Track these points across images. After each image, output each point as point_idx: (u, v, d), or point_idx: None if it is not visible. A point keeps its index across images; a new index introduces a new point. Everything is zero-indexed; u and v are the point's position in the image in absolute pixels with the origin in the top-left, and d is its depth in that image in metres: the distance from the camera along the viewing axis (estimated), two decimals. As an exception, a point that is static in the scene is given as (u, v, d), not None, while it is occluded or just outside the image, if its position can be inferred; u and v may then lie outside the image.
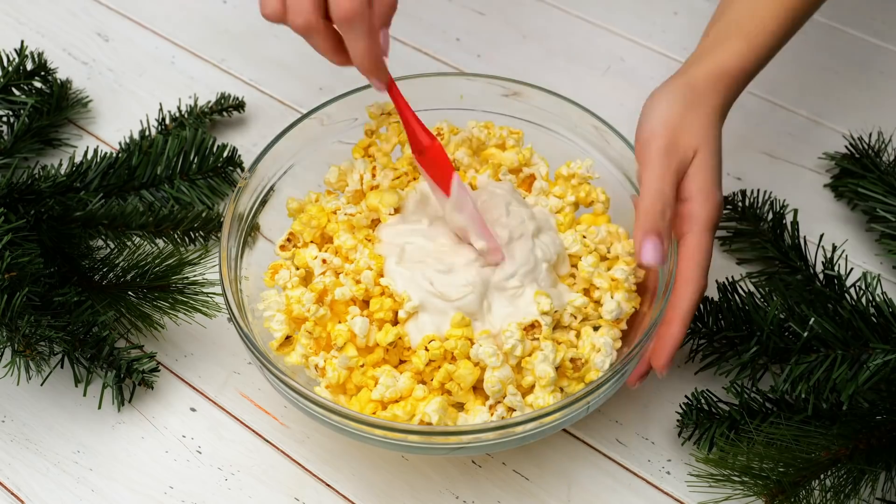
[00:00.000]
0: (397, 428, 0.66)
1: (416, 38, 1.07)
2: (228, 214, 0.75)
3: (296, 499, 0.75)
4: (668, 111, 0.73)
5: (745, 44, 0.76)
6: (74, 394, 0.79)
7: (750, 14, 0.77)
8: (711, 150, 0.73)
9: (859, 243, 0.89)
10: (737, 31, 0.77)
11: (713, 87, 0.75)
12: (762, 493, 0.67)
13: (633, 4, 1.11)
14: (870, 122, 0.96)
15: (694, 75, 0.75)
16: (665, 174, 0.71)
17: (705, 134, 0.73)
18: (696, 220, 0.71)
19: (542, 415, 0.66)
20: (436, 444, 0.68)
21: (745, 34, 0.76)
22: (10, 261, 0.73)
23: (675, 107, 0.73)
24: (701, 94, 0.74)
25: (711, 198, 0.72)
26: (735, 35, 0.77)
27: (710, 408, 0.75)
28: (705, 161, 0.72)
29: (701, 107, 0.74)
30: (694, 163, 0.72)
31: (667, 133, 0.72)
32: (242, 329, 0.70)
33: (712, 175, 0.72)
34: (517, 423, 0.66)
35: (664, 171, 0.71)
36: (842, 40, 1.06)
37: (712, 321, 0.77)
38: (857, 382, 0.71)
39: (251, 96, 1.01)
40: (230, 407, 0.80)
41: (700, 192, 0.71)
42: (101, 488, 0.75)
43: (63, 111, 0.97)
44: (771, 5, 0.77)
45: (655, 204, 0.70)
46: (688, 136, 0.72)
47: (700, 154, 0.72)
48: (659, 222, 0.70)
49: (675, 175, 0.71)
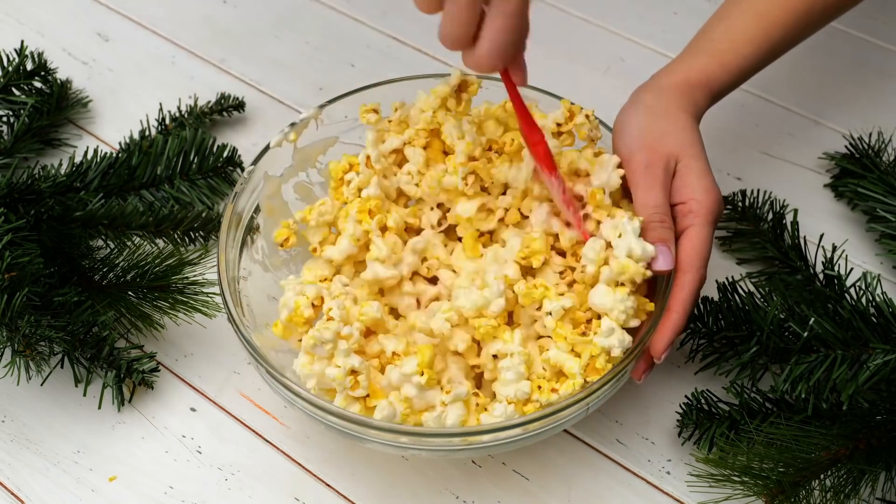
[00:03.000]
0: (395, 429, 0.66)
1: (416, 38, 1.07)
2: (227, 215, 0.75)
3: (296, 499, 0.75)
4: (639, 126, 0.74)
5: (714, 61, 0.77)
6: (74, 394, 0.79)
7: (726, 35, 0.78)
8: (693, 152, 0.74)
9: (859, 243, 0.89)
10: (709, 48, 0.78)
11: (680, 94, 0.76)
12: (762, 493, 0.67)
13: (633, 4, 1.11)
14: (870, 122, 0.96)
15: (659, 85, 0.77)
16: (654, 185, 0.72)
17: (682, 138, 0.74)
18: (697, 215, 0.72)
19: (543, 415, 0.66)
20: (436, 445, 0.68)
21: (717, 52, 0.78)
22: (10, 261, 0.73)
23: (644, 121, 0.74)
24: (667, 100, 0.75)
25: (709, 193, 0.73)
26: (707, 52, 0.78)
27: (710, 408, 0.75)
28: (692, 162, 0.73)
29: (670, 113, 0.75)
30: (679, 168, 0.73)
31: (643, 148, 0.73)
32: (241, 329, 0.70)
33: (702, 174, 0.73)
34: (517, 423, 0.66)
35: (653, 183, 0.72)
36: (841, 40, 1.06)
37: (712, 321, 0.77)
38: (857, 382, 0.71)
39: (251, 96, 1.01)
40: (230, 407, 0.80)
41: (696, 192, 0.72)
42: (101, 488, 0.75)
43: (63, 111, 0.97)
44: (749, 30, 0.78)
45: (654, 217, 0.71)
46: (665, 146, 0.73)
47: (683, 158, 0.73)
48: (662, 232, 0.71)
49: (664, 185, 0.72)
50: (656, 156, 0.73)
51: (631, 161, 0.73)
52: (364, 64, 1.05)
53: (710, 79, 0.77)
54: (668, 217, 0.72)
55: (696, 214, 0.72)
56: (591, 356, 0.70)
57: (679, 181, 0.73)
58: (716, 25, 0.79)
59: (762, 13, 0.78)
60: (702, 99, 0.77)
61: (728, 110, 0.99)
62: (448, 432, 0.68)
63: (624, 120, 0.75)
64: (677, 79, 0.77)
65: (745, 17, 0.78)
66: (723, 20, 0.79)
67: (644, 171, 0.72)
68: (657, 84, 0.77)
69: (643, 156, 0.73)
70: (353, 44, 1.07)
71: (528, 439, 0.68)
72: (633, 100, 0.77)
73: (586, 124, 0.77)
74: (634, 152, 0.73)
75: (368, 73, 1.03)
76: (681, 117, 0.75)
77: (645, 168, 0.72)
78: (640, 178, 0.72)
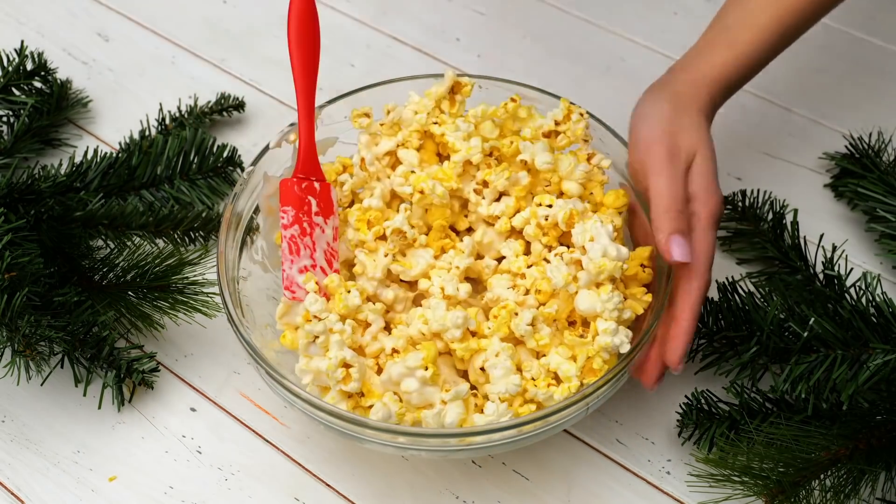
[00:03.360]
0: (394, 430, 0.67)
1: (416, 38, 1.07)
2: (227, 215, 0.75)
3: (296, 499, 0.75)
4: (661, 117, 0.74)
5: (731, 53, 0.77)
6: (74, 394, 0.79)
7: (741, 23, 0.78)
8: (707, 151, 0.74)
9: (859, 243, 0.89)
10: (725, 39, 0.78)
11: (697, 92, 0.76)
12: (762, 493, 0.67)
13: (633, 4, 1.11)
14: (870, 122, 0.96)
15: (678, 81, 0.76)
16: (674, 176, 0.72)
17: (699, 136, 0.74)
18: (700, 218, 0.72)
19: (543, 415, 0.66)
20: (434, 445, 0.68)
21: (733, 43, 0.77)
22: (10, 261, 0.73)
23: (666, 113, 0.74)
24: (687, 98, 0.75)
25: (713, 196, 0.73)
26: (723, 44, 0.78)
27: (710, 408, 0.75)
28: (703, 162, 0.73)
29: (690, 111, 0.75)
30: (693, 164, 0.73)
31: (665, 138, 0.73)
32: (241, 329, 0.70)
33: (711, 175, 0.73)
34: (517, 423, 0.66)
35: (673, 174, 0.72)
36: (842, 40, 1.06)
37: (712, 321, 0.77)
38: (857, 382, 0.71)
39: (251, 96, 1.01)
40: (230, 407, 0.80)
41: (702, 192, 0.72)
42: (101, 488, 0.75)
43: (63, 111, 0.97)
44: (763, 17, 0.77)
45: (673, 206, 0.71)
46: (685, 139, 0.73)
47: (698, 155, 0.73)
48: (681, 222, 0.71)
49: (683, 177, 0.73)
50: (678, 148, 0.73)
51: (652, 148, 0.73)
52: (364, 64, 1.05)
53: (728, 74, 0.77)
54: (686, 209, 0.72)
55: (699, 218, 0.72)
56: (587, 357, 0.70)
57: (688, 179, 0.73)
58: (731, 13, 0.79)
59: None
60: (718, 95, 0.77)
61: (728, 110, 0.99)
62: (447, 433, 0.68)
63: (644, 110, 0.75)
64: (696, 75, 0.76)
65: (760, 3, 0.78)
66: (738, 7, 0.78)
67: (666, 161, 0.72)
68: (676, 79, 0.77)
69: (666, 146, 0.73)
70: (353, 44, 1.07)
71: (527, 439, 0.68)
72: (653, 93, 0.76)
73: (581, 122, 0.77)
74: (656, 141, 0.73)
75: (368, 73, 1.03)
76: (697, 117, 0.75)
77: (669, 157, 0.72)
78: (662, 167, 0.72)
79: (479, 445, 0.68)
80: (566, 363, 0.70)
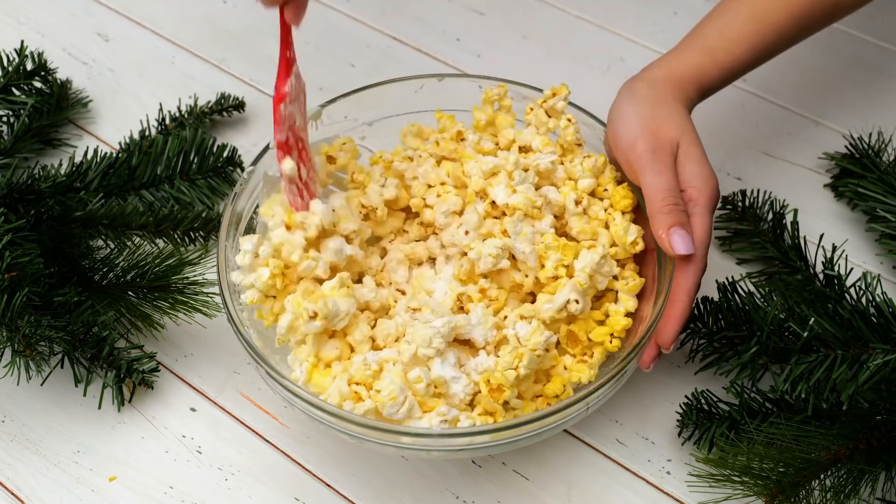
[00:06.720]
0: (394, 430, 0.66)
1: (416, 38, 1.07)
2: (227, 215, 0.75)
3: (296, 499, 0.75)
4: (639, 114, 0.74)
5: (707, 58, 0.77)
6: (74, 394, 0.79)
7: (720, 33, 0.78)
8: (691, 138, 0.74)
9: (859, 243, 0.89)
10: (703, 45, 0.78)
11: (672, 87, 0.76)
12: (762, 493, 0.67)
13: (633, 4, 1.11)
14: (870, 122, 0.96)
15: (652, 77, 0.77)
16: (663, 170, 0.72)
17: (679, 123, 0.74)
18: (696, 203, 0.72)
19: (543, 415, 0.66)
20: (434, 445, 0.68)
21: (710, 50, 0.78)
22: (10, 261, 0.73)
23: (643, 108, 0.74)
24: (662, 92, 0.76)
25: (708, 179, 0.73)
26: (698, 48, 0.78)
27: (710, 408, 0.75)
28: (689, 149, 0.74)
29: (667, 101, 0.75)
30: (679, 154, 0.74)
31: (647, 134, 0.73)
32: (241, 330, 0.70)
33: (700, 161, 0.74)
34: (517, 423, 0.66)
35: (662, 168, 0.72)
36: (842, 40, 1.06)
37: (712, 321, 0.77)
38: (857, 382, 0.71)
39: (251, 96, 1.01)
40: (230, 407, 0.80)
41: (695, 178, 0.73)
42: (101, 488, 0.75)
43: (63, 111, 0.97)
44: (743, 30, 0.78)
45: (668, 199, 0.71)
46: (666, 131, 0.74)
47: (682, 144, 0.74)
48: (678, 215, 0.71)
49: (672, 169, 0.73)
50: (660, 141, 0.73)
51: (635, 147, 0.73)
52: (364, 64, 1.05)
53: (701, 75, 0.77)
54: (681, 200, 0.72)
55: (696, 203, 0.72)
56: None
57: (678, 167, 0.73)
58: (710, 23, 0.79)
59: (758, 14, 0.78)
60: (693, 93, 0.77)
61: (728, 110, 0.99)
62: (447, 433, 0.68)
63: (620, 109, 0.75)
64: (669, 72, 0.77)
65: (741, 16, 0.78)
66: (718, 18, 0.79)
67: (651, 155, 0.72)
68: (649, 76, 0.77)
69: (647, 141, 0.73)
70: (353, 44, 1.07)
71: (527, 439, 0.68)
72: (627, 90, 0.77)
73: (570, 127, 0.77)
74: (637, 138, 0.73)
75: (368, 73, 1.03)
76: (676, 106, 0.75)
77: (652, 152, 0.72)
78: (648, 162, 0.72)
79: (479, 445, 0.68)
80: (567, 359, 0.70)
